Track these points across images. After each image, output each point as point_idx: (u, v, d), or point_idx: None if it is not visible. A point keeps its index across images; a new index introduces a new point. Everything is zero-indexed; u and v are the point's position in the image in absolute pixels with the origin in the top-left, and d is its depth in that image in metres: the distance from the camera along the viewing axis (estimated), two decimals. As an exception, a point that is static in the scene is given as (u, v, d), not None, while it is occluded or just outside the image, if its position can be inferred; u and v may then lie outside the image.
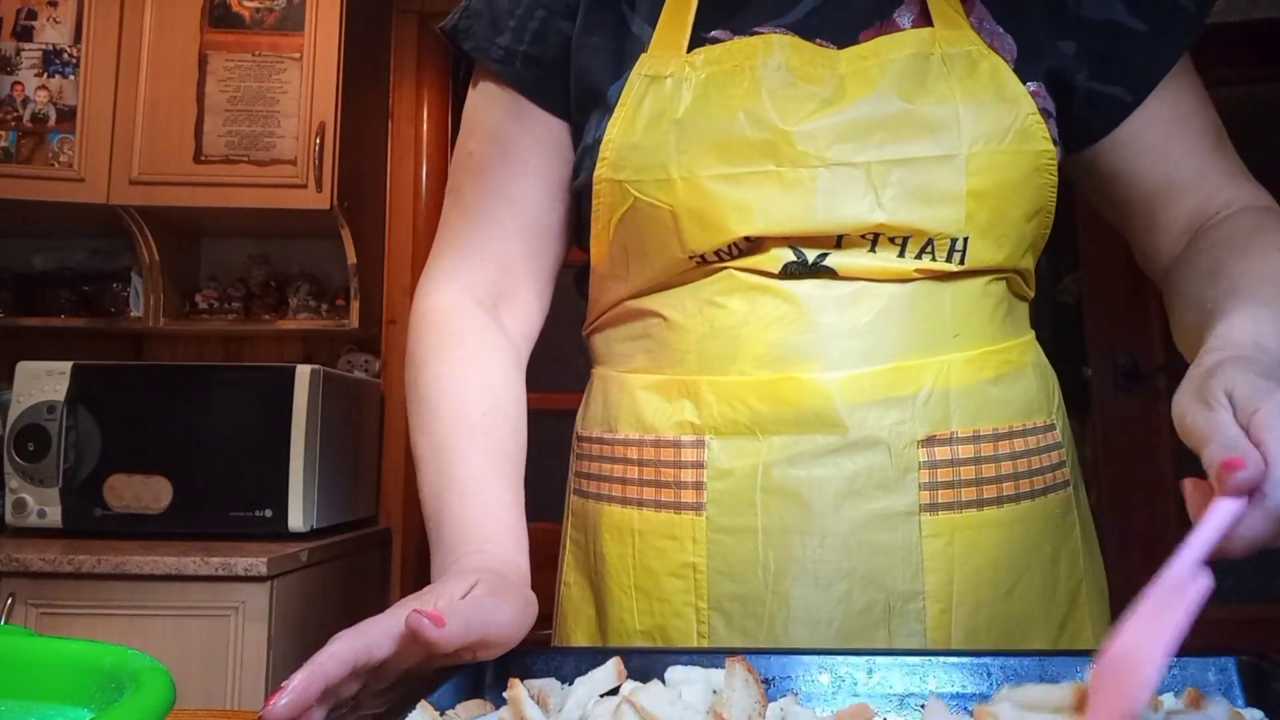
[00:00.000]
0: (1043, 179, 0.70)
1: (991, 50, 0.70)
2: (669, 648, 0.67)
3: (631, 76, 0.72)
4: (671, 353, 0.73)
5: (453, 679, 0.52)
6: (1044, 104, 0.70)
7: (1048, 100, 0.71)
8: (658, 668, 0.54)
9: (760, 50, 0.70)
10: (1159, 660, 0.41)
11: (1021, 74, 0.70)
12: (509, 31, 0.78)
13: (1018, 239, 0.71)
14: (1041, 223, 0.73)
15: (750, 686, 0.49)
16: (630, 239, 0.73)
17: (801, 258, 0.69)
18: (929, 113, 0.67)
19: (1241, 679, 0.52)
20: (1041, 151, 0.69)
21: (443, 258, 0.81)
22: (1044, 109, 0.70)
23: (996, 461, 0.69)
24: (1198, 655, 0.53)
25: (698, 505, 0.69)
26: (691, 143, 0.69)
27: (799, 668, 0.54)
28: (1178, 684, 0.52)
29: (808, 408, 0.67)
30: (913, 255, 0.68)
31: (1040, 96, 0.70)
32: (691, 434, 0.70)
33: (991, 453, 0.69)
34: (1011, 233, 0.70)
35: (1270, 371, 0.54)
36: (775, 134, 0.67)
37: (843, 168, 0.67)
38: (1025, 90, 0.69)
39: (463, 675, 0.54)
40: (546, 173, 0.79)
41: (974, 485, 0.68)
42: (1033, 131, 0.68)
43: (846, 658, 0.54)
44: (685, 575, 0.69)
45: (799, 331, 0.68)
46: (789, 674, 0.54)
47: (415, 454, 0.72)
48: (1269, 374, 0.52)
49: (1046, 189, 0.71)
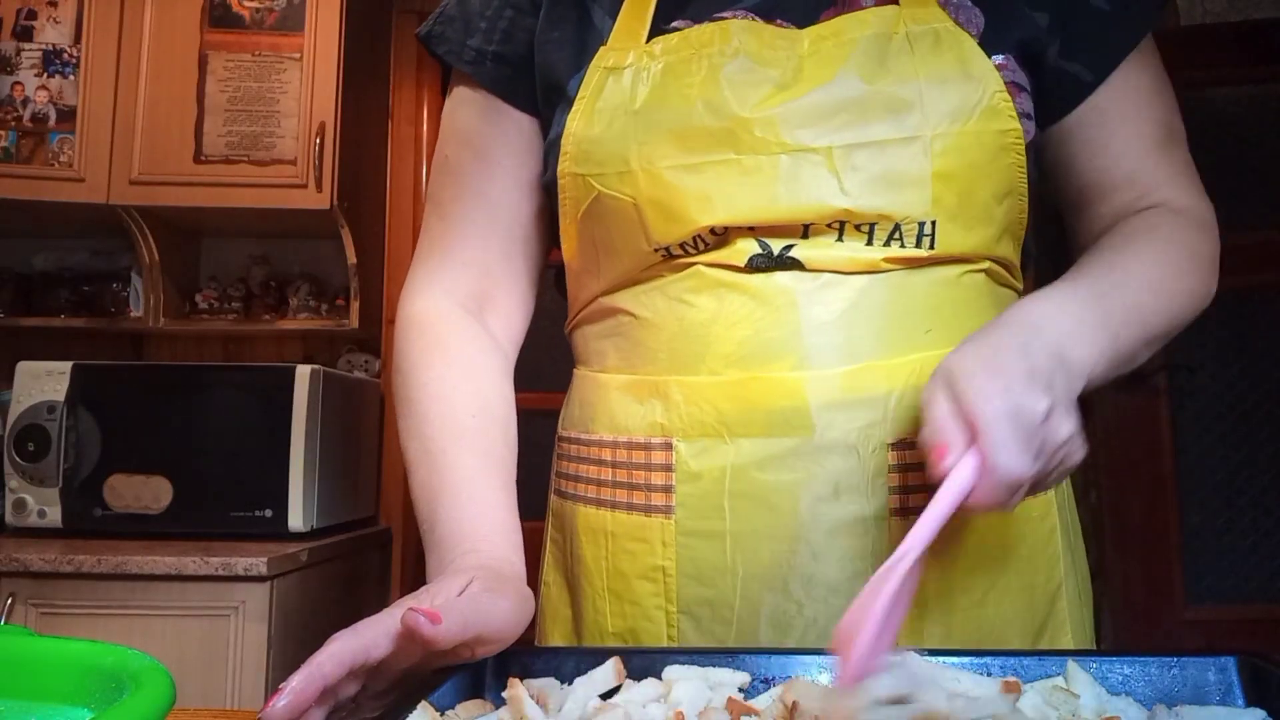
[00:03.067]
0: (1010, 159, 0.68)
1: (958, 26, 0.68)
2: (668, 648, 0.67)
3: (590, 69, 0.72)
4: (643, 352, 0.72)
5: (452, 679, 0.52)
6: (1013, 77, 0.68)
7: (1018, 73, 0.69)
8: (657, 667, 0.54)
9: (717, 37, 0.69)
10: (873, 628, 0.47)
11: (989, 47, 0.68)
12: (480, 33, 0.78)
13: (989, 222, 0.69)
14: (1014, 205, 0.71)
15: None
16: (598, 233, 0.73)
17: (767, 250, 0.67)
18: (891, 94, 0.66)
19: (1241, 679, 0.52)
20: (1008, 130, 0.67)
21: (424, 263, 0.81)
22: (1013, 82, 0.68)
23: None
24: (1198, 655, 0.53)
25: (667, 508, 0.69)
26: (650, 133, 0.68)
27: (799, 668, 0.54)
28: (1178, 684, 0.52)
29: (776, 408, 0.66)
30: (881, 243, 0.67)
31: (1008, 69, 0.68)
32: (660, 436, 0.70)
33: None
34: (981, 215, 0.68)
35: (1014, 345, 0.56)
36: (734, 121, 0.66)
37: (803, 153, 0.65)
38: (992, 65, 0.67)
39: (462, 675, 0.54)
40: (522, 172, 0.79)
41: None
42: (999, 109, 0.66)
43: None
44: (655, 578, 0.69)
45: (768, 329, 0.67)
46: (789, 674, 0.54)
47: (406, 458, 0.72)
48: (1024, 376, 0.54)
49: (1015, 169, 0.69)
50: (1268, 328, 2.68)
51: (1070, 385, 0.57)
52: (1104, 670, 0.53)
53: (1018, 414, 0.53)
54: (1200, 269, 0.71)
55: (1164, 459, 2.63)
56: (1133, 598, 2.60)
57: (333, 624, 0.52)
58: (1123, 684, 0.53)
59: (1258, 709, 0.49)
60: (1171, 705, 0.50)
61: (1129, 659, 0.53)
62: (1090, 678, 0.51)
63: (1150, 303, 0.66)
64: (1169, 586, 2.60)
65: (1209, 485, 2.65)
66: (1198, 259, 0.71)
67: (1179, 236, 0.70)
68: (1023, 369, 0.54)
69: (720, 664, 0.54)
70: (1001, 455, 0.52)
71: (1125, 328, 0.63)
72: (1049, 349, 0.57)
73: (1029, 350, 0.56)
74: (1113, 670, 0.53)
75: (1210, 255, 0.72)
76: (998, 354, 0.56)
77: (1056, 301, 0.61)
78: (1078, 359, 0.58)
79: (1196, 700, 0.52)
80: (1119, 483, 2.65)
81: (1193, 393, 2.66)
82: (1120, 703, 0.50)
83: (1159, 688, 0.52)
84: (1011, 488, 0.53)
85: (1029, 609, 0.69)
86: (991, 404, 0.53)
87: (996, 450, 0.52)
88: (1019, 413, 0.53)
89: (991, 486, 0.52)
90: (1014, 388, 0.53)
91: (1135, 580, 2.61)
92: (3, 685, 0.44)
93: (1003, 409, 0.52)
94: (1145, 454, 2.64)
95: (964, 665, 0.53)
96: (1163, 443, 2.63)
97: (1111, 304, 0.63)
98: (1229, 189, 2.57)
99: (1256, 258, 2.62)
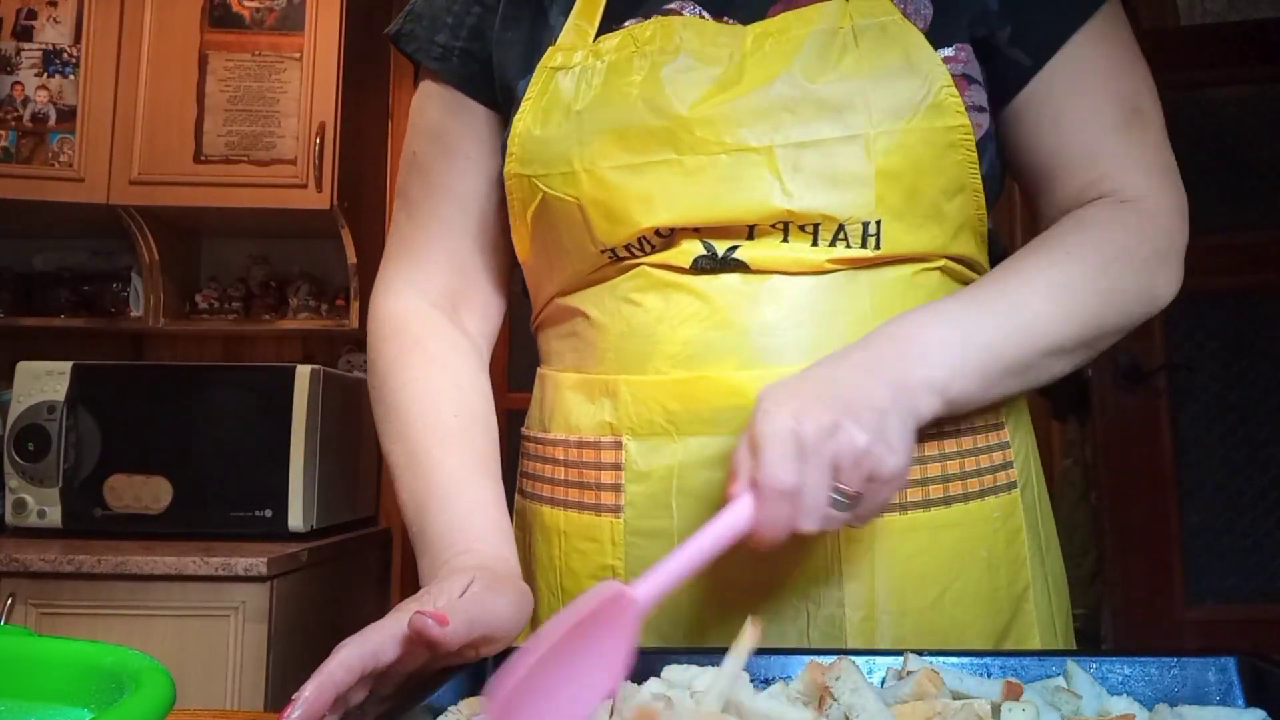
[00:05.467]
0: (959, 155, 0.66)
1: (905, 19, 0.66)
2: (668, 647, 0.66)
3: (538, 69, 0.71)
4: (594, 351, 0.71)
5: (453, 679, 0.52)
6: (964, 69, 0.66)
7: (970, 63, 0.67)
8: (656, 667, 0.54)
9: (659, 34, 0.68)
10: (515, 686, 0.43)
11: (939, 38, 0.66)
12: (446, 29, 0.78)
13: (939, 220, 0.67)
14: (969, 202, 0.69)
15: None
16: (547, 234, 0.72)
17: (711, 251, 0.67)
18: (832, 92, 0.64)
19: (1241, 679, 0.52)
20: (954, 126, 0.65)
21: (395, 263, 0.81)
22: (964, 75, 0.66)
23: (924, 463, 0.66)
24: (1198, 655, 0.53)
25: (616, 507, 0.68)
26: (592, 133, 0.67)
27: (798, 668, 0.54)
28: (1178, 684, 0.52)
29: (723, 407, 0.65)
30: (826, 243, 0.66)
31: (959, 61, 0.66)
32: (610, 435, 0.69)
33: (918, 455, 0.65)
34: (930, 213, 0.67)
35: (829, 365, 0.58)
36: (674, 120, 0.65)
37: (744, 153, 0.64)
38: (939, 59, 0.65)
39: (463, 675, 0.54)
40: (491, 168, 0.78)
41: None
42: (945, 105, 0.65)
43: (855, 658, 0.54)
44: (605, 578, 0.68)
45: (712, 329, 0.66)
46: (789, 674, 0.54)
47: (389, 462, 0.72)
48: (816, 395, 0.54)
49: (965, 165, 0.67)
50: (1268, 328, 2.68)
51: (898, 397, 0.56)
52: (1104, 670, 0.53)
53: (793, 430, 0.53)
54: (1135, 267, 0.66)
55: (1164, 459, 2.63)
56: (1133, 598, 2.60)
57: (333, 624, 0.52)
58: (1123, 684, 0.53)
59: (1258, 709, 0.49)
60: (1173, 705, 0.50)
61: (1129, 659, 0.53)
62: (1090, 678, 0.51)
63: (1049, 310, 0.63)
64: (1169, 586, 2.60)
65: (1209, 485, 2.65)
66: (1131, 256, 0.66)
67: (1113, 233, 0.66)
68: (818, 391, 0.55)
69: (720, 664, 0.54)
70: (764, 470, 0.52)
71: (1004, 340, 0.62)
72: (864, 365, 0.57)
73: (836, 369, 0.57)
74: (1113, 670, 0.53)
75: (1159, 249, 0.67)
76: (805, 378, 0.57)
77: (913, 316, 0.61)
78: (924, 376, 0.58)
79: (1196, 700, 0.52)
80: (1119, 483, 2.65)
81: (1193, 393, 2.66)
82: (1121, 703, 0.50)
83: (1159, 688, 0.52)
84: (781, 501, 0.52)
85: (990, 613, 0.68)
86: (770, 423, 0.53)
87: (761, 466, 0.52)
88: (795, 429, 0.53)
89: (762, 503, 0.52)
90: (798, 408, 0.53)
91: (1135, 580, 2.61)
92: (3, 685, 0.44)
93: (779, 427, 0.53)
94: (1145, 454, 2.64)
95: (964, 665, 0.53)
96: (1163, 443, 2.63)
97: (991, 317, 0.62)
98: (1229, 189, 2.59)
99: (1256, 258, 2.62)
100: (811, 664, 0.51)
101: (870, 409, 0.55)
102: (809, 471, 0.52)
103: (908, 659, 0.54)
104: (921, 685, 0.49)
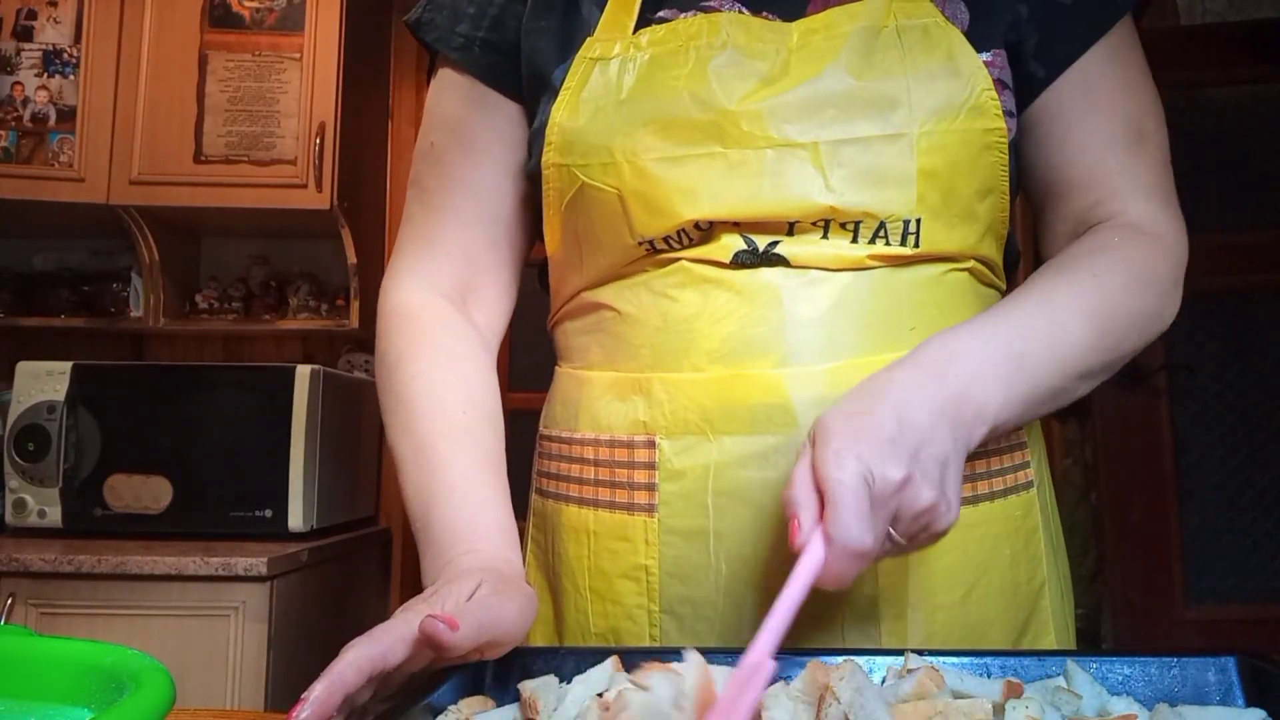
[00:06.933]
0: (993, 156, 0.67)
1: (947, 21, 0.67)
2: (668, 647, 0.67)
3: (576, 59, 0.71)
4: (626, 348, 0.71)
5: (453, 678, 0.52)
6: (999, 74, 0.67)
7: (1004, 69, 0.68)
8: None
9: (705, 29, 0.68)
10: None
11: (977, 42, 0.67)
12: (468, 20, 0.78)
13: (971, 220, 0.68)
14: (996, 204, 0.70)
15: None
16: (581, 225, 0.72)
17: (752, 246, 0.67)
18: (878, 90, 0.65)
19: (1241, 679, 0.52)
20: (992, 129, 0.66)
21: (407, 253, 0.80)
22: (999, 80, 0.67)
23: None
24: (1198, 655, 0.53)
25: (650, 507, 0.68)
26: (635, 124, 0.67)
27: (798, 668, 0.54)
28: (1178, 684, 0.52)
29: (759, 405, 0.65)
30: (866, 241, 0.66)
31: (995, 66, 0.67)
32: (643, 434, 0.69)
33: None
34: (964, 213, 0.68)
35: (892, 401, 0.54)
36: (720, 114, 0.65)
37: (789, 148, 0.65)
38: (980, 62, 0.66)
39: (463, 675, 0.54)
40: (509, 160, 0.78)
41: None
42: (985, 108, 0.66)
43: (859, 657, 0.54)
44: (638, 577, 0.68)
45: (752, 325, 0.66)
46: (789, 674, 0.54)
47: (396, 455, 0.71)
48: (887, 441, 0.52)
49: (997, 167, 0.68)
50: (1268, 328, 2.68)
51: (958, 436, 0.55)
52: (1104, 670, 0.53)
53: (866, 483, 0.51)
54: (1151, 290, 0.67)
55: (1164, 459, 2.63)
56: (1133, 598, 2.60)
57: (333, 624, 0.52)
58: (1123, 684, 0.53)
59: (1258, 709, 0.49)
60: (1173, 705, 0.50)
61: (1129, 659, 0.53)
62: (1090, 677, 0.51)
63: (1084, 336, 0.63)
64: (1169, 586, 2.60)
65: (1209, 485, 2.65)
66: (1149, 280, 0.67)
67: (1130, 256, 0.67)
68: (887, 433, 0.53)
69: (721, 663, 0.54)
70: (839, 528, 0.50)
71: (1046, 368, 0.61)
72: (935, 404, 0.55)
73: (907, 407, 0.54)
74: (1113, 670, 0.53)
75: (1167, 275, 0.68)
76: (868, 414, 0.54)
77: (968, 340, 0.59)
78: (978, 406, 0.56)
79: (1196, 700, 0.52)
80: (1119, 483, 2.65)
81: (1193, 393, 2.66)
82: (1121, 703, 0.50)
83: (1159, 688, 0.52)
84: (853, 560, 0.51)
85: (1012, 609, 0.69)
86: (842, 470, 0.51)
87: (835, 523, 0.50)
88: (868, 481, 0.51)
89: (833, 559, 0.51)
90: (869, 454, 0.51)
91: (1135, 580, 2.61)
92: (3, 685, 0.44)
93: (851, 478, 0.50)
94: (1145, 454, 2.64)
95: (964, 665, 0.53)
96: (1163, 443, 2.63)
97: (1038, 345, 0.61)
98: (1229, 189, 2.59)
99: (1256, 258, 2.62)
100: (812, 664, 0.51)
101: (936, 463, 0.53)
102: (878, 526, 0.51)
103: (908, 658, 0.54)
104: (922, 685, 0.49)
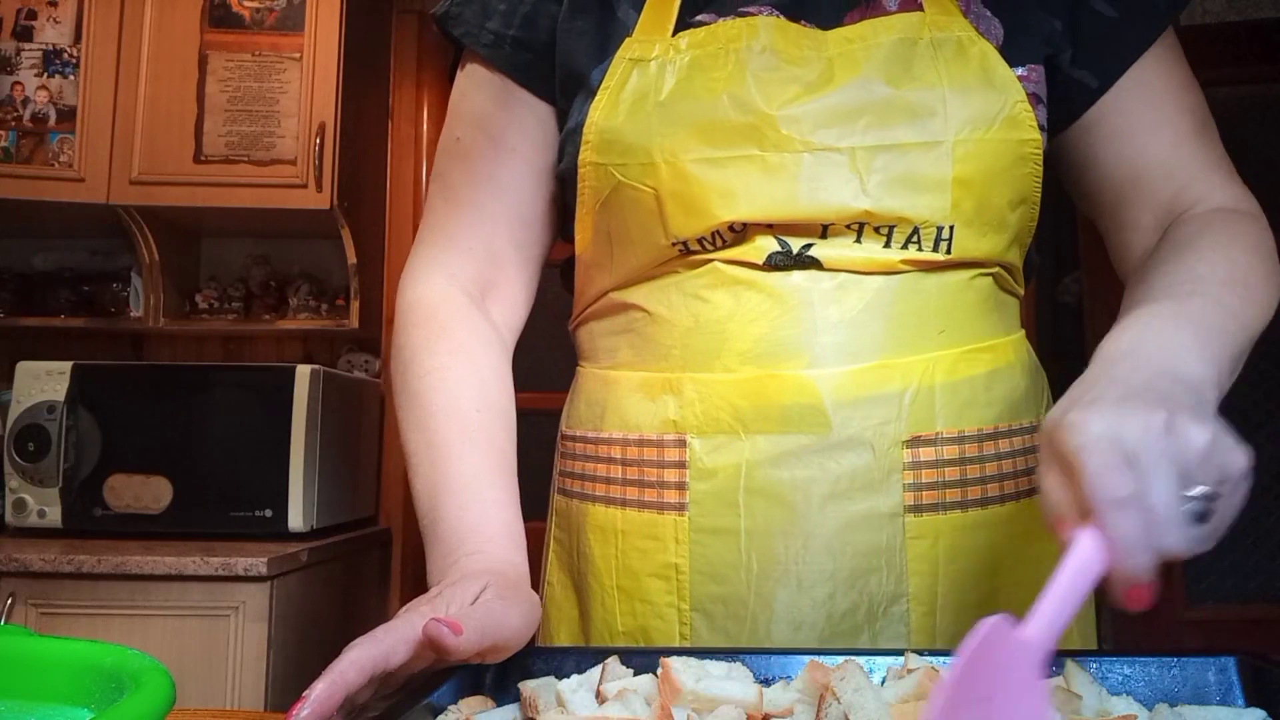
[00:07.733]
0: (1027, 168, 0.69)
1: (980, 36, 0.69)
2: (667, 647, 0.67)
3: (615, 59, 0.72)
4: (656, 348, 0.72)
5: (453, 678, 0.52)
6: (1035, 88, 0.69)
7: (1040, 84, 0.70)
8: (655, 667, 0.53)
9: (745, 33, 0.69)
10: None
11: (1011, 58, 0.68)
12: (499, 16, 0.78)
13: (1002, 229, 0.70)
14: (1026, 214, 0.72)
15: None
16: (614, 225, 0.72)
17: (786, 248, 0.68)
18: (915, 98, 0.66)
19: (1241, 679, 0.52)
20: (1027, 140, 0.68)
21: (428, 246, 0.79)
22: (1034, 94, 0.69)
23: (982, 463, 0.68)
24: (1198, 655, 0.53)
25: (680, 505, 0.69)
26: (674, 125, 0.68)
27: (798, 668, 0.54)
28: (1178, 684, 0.52)
29: (792, 405, 0.66)
30: (899, 245, 0.67)
31: (1030, 81, 0.69)
32: (674, 433, 0.70)
33: (977, 454, 0.68)
34: (996, 222, 0.69)
35: (1127, 389, 0.48)
36: (759, 117, 0.66)
37: (827, 153, 0.66)
38: (1014, 76, 0.68)
39: (463, 675, 0.54)
40: (535, 159, 0.78)
41: (959, 487, 0.68)
42: (1020, 119, 0.67)
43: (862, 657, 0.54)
44: (667, 576, 0.69)
45: (784, 326, 0.67)
46: (789, 674, 0.54)
47: (407, 449, 0.71)
48: (1123, 397, 0.47)
49: (1031, 178, 0.70)
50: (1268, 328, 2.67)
51: (1190, 395, 0.49)
52: (1104, 670, 0.53)
53: (1114, 433, 0.44)
54: (1269, 263, 0.66)
55: (1164, 459, 2.63)
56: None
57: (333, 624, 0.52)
58: (1123, 684, 0.53)
59: (1258, 709, 0.49)
60: (1173, 705, 0.50)
61: (1129, 659, 0.53)
62: (1090, 677, 0.51)
63: (1240, 308, 0.60)
64: (1169, 586, 2.60)
65: (1209, 485, 2.64)
66: (1263, 253, 0.66)
67: (1240, 231, 0.66)
68: (1123, 393, 0.47)
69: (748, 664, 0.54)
70: (1091, 482, 0.43)
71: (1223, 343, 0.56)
72: (1151, 368, 0.50)
73: (1124, 373, 0.50)
74: (1113, 670, 0.53)
75: (1272, 247, 0.68)
76: (1085, 395, 0.48)
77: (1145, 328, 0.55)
78: (1190, 374, 0.51)
79: (1196, 700, 0.52)
80: (1119, 483, 2.65)
81: (1193, 393, 2.65)
82: (1121, 703, 0.50)
83: (1159, 688, 0.52)
84: (1124, 515, 0.42)
85: None
86: (1080, 435, 0.44)
87: (1087, 480, 0.43)
88: (1116, 431, 0.44)
89: (1106, 529, 0.43)
90: (1110, 412, 0.45)
91: (1135, 580, 2.61)
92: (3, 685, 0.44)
93: (1093, 434, 0.44)
94: (1145, 454, 2.64)
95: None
96: (1163, 443, 2.63)
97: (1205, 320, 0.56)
98: (1229, 189, 2.58)
99: (1256, 258, 2.62)
100: (812, 664, 0.51)
101: (1195, 405, 0.47)
102: (1148, 477, 0.43)
103: (908, 658, 0.54)
104: (922, 684, 0.49)
